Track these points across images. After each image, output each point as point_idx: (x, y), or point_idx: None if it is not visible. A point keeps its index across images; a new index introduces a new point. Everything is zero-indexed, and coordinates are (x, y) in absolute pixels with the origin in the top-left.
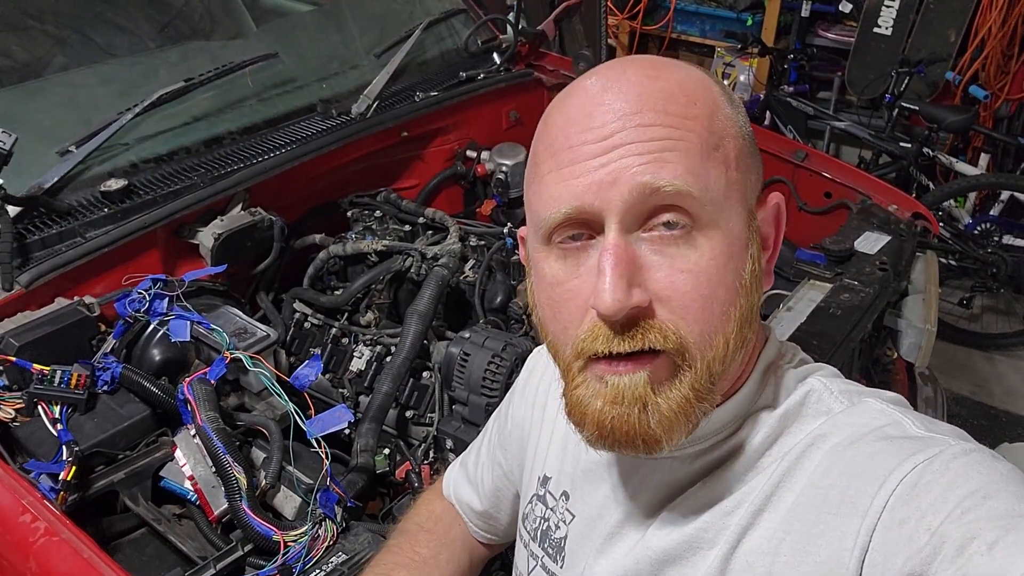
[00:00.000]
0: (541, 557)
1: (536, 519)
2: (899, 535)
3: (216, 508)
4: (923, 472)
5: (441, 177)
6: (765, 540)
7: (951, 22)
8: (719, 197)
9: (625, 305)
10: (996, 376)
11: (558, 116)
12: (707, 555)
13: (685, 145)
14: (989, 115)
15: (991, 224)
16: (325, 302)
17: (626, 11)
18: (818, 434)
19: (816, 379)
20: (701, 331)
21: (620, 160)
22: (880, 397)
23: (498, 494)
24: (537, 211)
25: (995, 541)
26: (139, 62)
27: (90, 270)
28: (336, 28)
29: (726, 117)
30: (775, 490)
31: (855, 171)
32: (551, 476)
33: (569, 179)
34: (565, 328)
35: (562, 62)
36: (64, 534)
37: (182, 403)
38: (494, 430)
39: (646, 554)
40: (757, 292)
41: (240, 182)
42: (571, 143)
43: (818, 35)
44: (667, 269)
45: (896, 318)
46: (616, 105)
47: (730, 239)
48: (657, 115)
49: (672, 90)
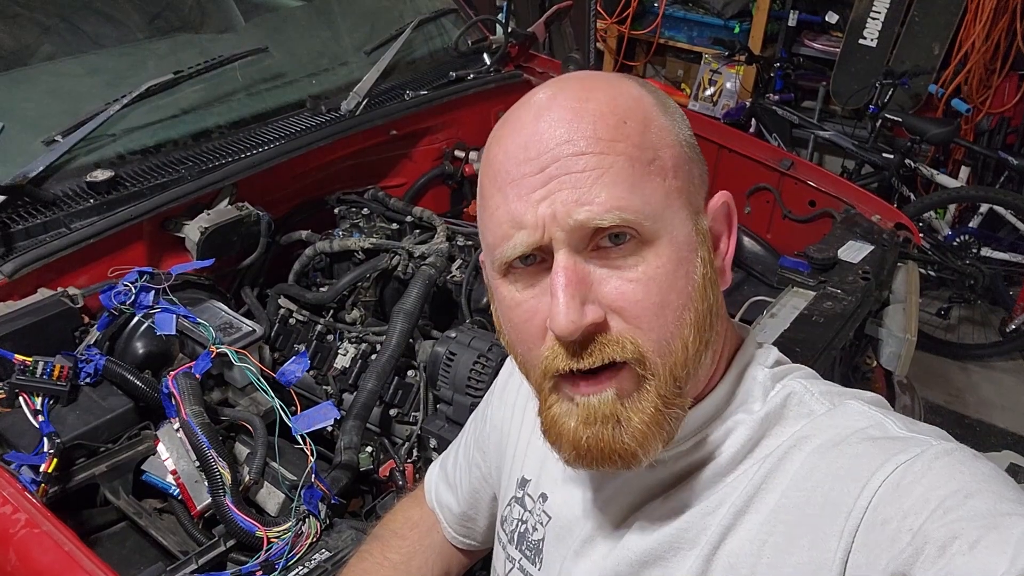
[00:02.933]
0: (519, 560)
1: (514, 521)
2: (882, 535)
3: (199, 503)
4: (905, 472)
5: (429, 176)
6: (747, 541)
7: (935, 35)
8: (659, 208)
9: (580, 325)
10: (971, 386)
11: (498, 148)
12: (688, 555)
13: (616, 170)
14: (970, 128)
15: (970, 236)
16: (311, 299)
17: (615, 16)
18: (801, 436)
19: (796, 381)
20: (658, 338)
21: (557, 193)
22: (861, 398)
23: (476, 495)
24: (491, 244)
25: (977, 540)
26: (127, 53)
27: (74, 261)
28: (326, 24)
29: (660, 128)
30: (757, 491)
31: (840, 180)
32: (530, 478)
33: (517, 215)
34: (529, 349)
35: (551, 64)
36: (45, 526)
37: (166, 397)
38: (471, 432)
39: (626, 556)
40: (713, 293)
41: (227, 176)
42: (512, 176)
43: (804, 45)
44: (617, 280)
45: (877, 327)
46: (548, 134)
47: (676, 245)
48: (588, 142)
49: (602, 111)
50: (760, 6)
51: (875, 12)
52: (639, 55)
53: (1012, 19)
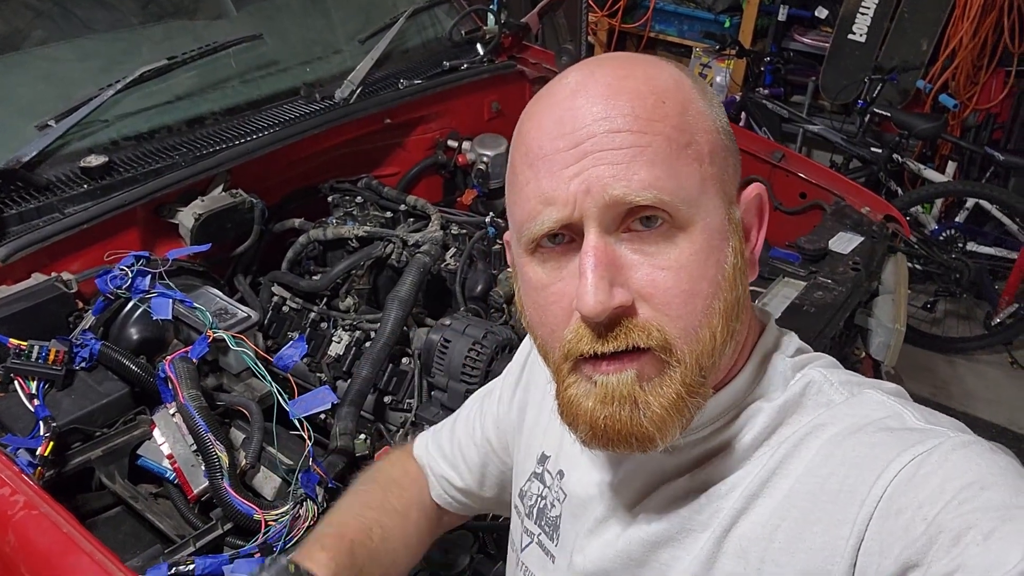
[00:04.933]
0: (537, 534)
1: (534, 496)
2: (896, 524)
3: (195, 487)
4: (921, 463)
5: (422, 166)
6: (759, 526)
7: (924, 32)
8: (694, 193)
9: (608, 306)
10: (956, 379)
11: (531, 123)
12: (699, 537)
13: (653, 149)
14: (957, 124)
15: (956, 231)
16: (304, 286)
17: (606, 8)
18: (817, 423)
19: (816, 370)
20: (685, 326)
21: (592, 168)
22: (880, 388)
23: (484, 470)
24: (519, 221)
25: (991, 531)
26: (121, 38)
27: (68, 246)
28: (320, 12)
29: (698, 112)
30: (771, 476)
31: (830, 173)
32: (550, 455)
33: (547, 191)
34: (552, 331)
35: (545, 55)
36: (43, 508)
37: (162, 381)
38: (478, 410)
39: (638, 536)
40: (742, 284)
41: (222, 163)
42: (545, 151)
43: (794, 39)
44: (647, 267)
45: (867, 317)
46: (585, 110)
47: (709, 233)
48: (626, 119)
49: (641, 89)
50: (750, 0)
51: (864, 8)
52: (629, 48)
53: (999, 16)
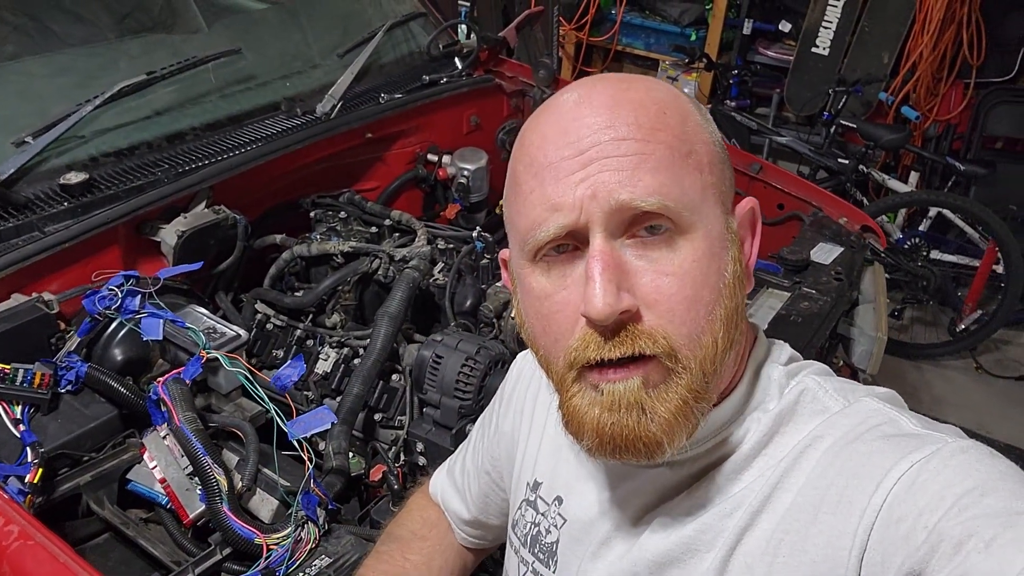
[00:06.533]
0: (532, 562)
1: (527, 524)
2: (897, 533)
3: (191, 511)
4: (920, 470)
5: (402, 180)
6: (764, 541)
7: (885, 45)
8: (696, 201)
9: (616, 309)
10: (924, 384)
11: (535, 135)
12: (705, 557)
13: (657, 157)
14: (919, 135)
15: (920, 239)
16: (289, 303)
17: (573, 22)
18: (815, 435)
19: (810, 378)
20: (689, 333)
21: (598, 175)
22: (875, 395)
23: (486, 500)
24: (523, 230)
25: (992, 539)
26: (98, 53)
27: (49, 266)
28: (298, 27)
29: (696, 124)
30: (773, 491)
31: (807, 184)
32: (542, 481)
33: (553, 198)
34: (556, 340)
35: (521, 69)
36: (38, 537)
37: (153, 403)
38: (478, 437)
39: (643, 557)
40: (740, 292)
41: (204, 179)
42: (550, 160)
43: (759, 52)
44: (652, 274)
45: (849, 326)
46: (590, 120)
47: (710, 240)
48: (629, 128)
49: (643, 100)
50: (716, 14)
51: (827, 21)
52: (596, 62)
53: (958, 30)
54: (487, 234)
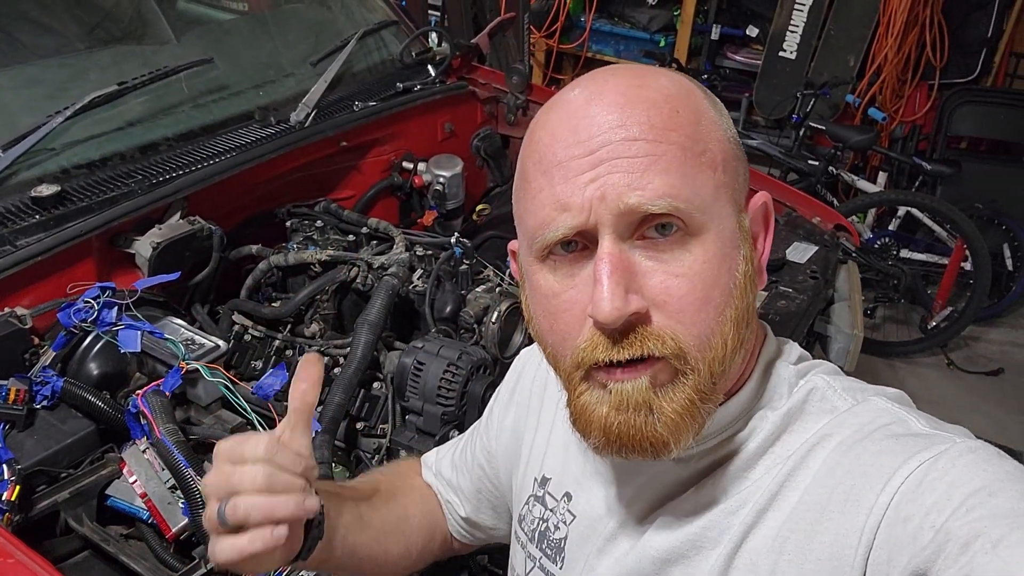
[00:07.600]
0: (539, 558)
1: (534, 520)
2: (903, 532)
3: (173, 525)
4: (928, 470)
5: (378, 188)
6: (769, 539)
7: (850, 48)
8: (708, 201)
9: (624, 312)
10: (897, 381)
11: (544, 132)
12: (710, 555)
13: (668, 158)
14: (886, 136)
15: (890, 238)
16: (267, 313)
17: (543, 29)
18: (823, 433)
19: (819, 377)
20: (699, 334)
21: (608, 176)
22: (884, 395)
23: (479, 496)
24: (531, 228)
25: (999, 539)
26: (67, 64)
27: (21, 280)
28: (269, 36)
29: (710, 122)
30: (780, 488)
31: (781, 184)
32: (551, 477)
33: (562, 197)
34: (563, 339)
35: (493, 75)
36: (19, 556)
37: (132, 417)
38: (471, 439)
39: (649, 553)
40: (752, 292)
41: (179, 190)
42: (560, 159)
43: (727, 57)
44: (662, 274)
45: (825, 324)
46: (600, 118)
47: (722, 241)
48: (641, 128)
49: (655, 98)
50: (684, 20)
51: (793, 26)
52: (567, 69)
53: (921, 32)
54: (465, 240)
